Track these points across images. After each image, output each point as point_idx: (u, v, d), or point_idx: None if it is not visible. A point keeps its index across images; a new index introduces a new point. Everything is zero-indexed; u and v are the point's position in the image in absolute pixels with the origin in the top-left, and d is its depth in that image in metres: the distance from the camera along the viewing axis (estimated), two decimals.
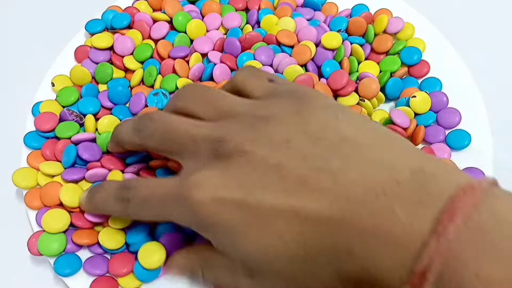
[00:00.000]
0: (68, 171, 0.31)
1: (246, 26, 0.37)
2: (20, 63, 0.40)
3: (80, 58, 0.36)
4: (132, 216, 0.26)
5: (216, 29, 0.37)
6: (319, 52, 0.35)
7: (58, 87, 0.35)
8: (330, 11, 0.39)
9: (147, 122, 0.25)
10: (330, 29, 0.36)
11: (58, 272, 0.28)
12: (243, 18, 0.37)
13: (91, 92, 0.34)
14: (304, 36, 0.36)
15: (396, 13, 0.38)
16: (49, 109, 0.33)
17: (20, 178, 0.31)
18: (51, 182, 0.30)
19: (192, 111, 0.24)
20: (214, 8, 0.38)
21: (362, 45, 0.35)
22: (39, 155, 0.32)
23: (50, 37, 0.41)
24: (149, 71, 0.35)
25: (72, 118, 0.33)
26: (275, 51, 0.35)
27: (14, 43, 0.42)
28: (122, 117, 0.33)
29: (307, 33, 0.36)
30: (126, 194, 0.24)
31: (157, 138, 0.24)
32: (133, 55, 0.36)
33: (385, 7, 0.38)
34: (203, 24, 0.37)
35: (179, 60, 0.35)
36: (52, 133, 0.32)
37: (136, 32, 0.36)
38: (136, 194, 0.23)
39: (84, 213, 0.28)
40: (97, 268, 0.28)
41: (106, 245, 0.28)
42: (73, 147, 0.31)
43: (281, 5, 0.38)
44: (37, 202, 0.30)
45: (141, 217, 0.25)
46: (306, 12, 0.38)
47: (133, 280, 0.27)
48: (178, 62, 0.34)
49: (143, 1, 0.39)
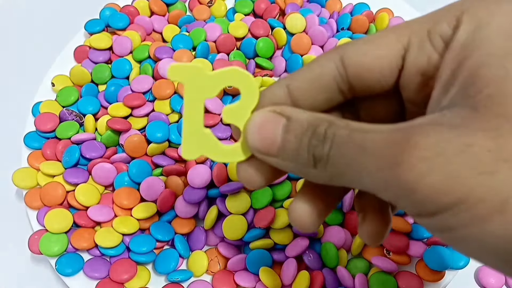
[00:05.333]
0: (70, 172, 0.31)
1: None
2: (20, 63, 0.40)
3: (80, 58, 0.36)
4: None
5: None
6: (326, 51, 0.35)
7: (58, 87, 0.35)
8: (334, 7, 0.39)
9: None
10: (337, 27, 0.37)
11: (60, 271, 0.28)
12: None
13: (91, 92, 0.35)
14: (316, 37, 0.36)
15: (396, 13, 0.38)
16: (49, 109, 0.33)
17: (20, 178, 0.31)
18: (51, 182, 0.30)
19: None
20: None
21: None
22: (39, 155, 0.32)
23: (49, 37, 0.41)
24: (144, 70, 0.35)
25: (71, 118, 0.33)
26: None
27: (14, 44, 0.42)
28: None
29: (319, 34, 0.36)
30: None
31: None
32: (132, 55, 0.36)
33: (386, 7, 0.38)
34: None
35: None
36: (52, 133, 0.32)
37: (134, 33, 0.37)
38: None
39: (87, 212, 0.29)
40: (96, 271, 0.28)
41: (102, 244, 0.28)
42: (76, 148, 0.31)
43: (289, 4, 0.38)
44: (37, 202, 0.30)
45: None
46: (314, 7, 0.39)
47: (139, 282, 0.28)
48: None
49: (143, 0, 0.39)
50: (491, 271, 0.29)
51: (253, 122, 0.17)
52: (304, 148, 0.16)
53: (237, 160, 0.18)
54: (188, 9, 0.40)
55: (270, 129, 0.17)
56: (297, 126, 0.16)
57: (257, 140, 0.17)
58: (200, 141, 0.18)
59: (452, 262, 0.28)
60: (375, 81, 0.17)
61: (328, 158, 0.15)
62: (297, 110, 0.17)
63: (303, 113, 0.17)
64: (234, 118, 0.18)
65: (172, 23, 0.38)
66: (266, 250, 0.28)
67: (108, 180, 0.31)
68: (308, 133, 0.16)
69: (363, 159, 0.14)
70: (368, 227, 0.19)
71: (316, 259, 0.28)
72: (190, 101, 0.18)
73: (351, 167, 0.15)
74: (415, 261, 0.28)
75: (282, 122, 0.17)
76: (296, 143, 0.16)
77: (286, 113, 0.17)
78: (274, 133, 0.17)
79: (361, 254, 0.29)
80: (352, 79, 0.17)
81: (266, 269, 0.28)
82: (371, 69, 0.17)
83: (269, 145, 0.17)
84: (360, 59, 0.17)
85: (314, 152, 0.16)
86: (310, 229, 0.18)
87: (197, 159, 0.30)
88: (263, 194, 0.29)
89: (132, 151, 0.31)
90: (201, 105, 0.18)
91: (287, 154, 0.17)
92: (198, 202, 0.29)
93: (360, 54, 0.17)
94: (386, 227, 0.19)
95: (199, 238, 0.30)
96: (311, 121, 0.16)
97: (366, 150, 0.14)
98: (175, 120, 0.33)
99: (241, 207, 0.29)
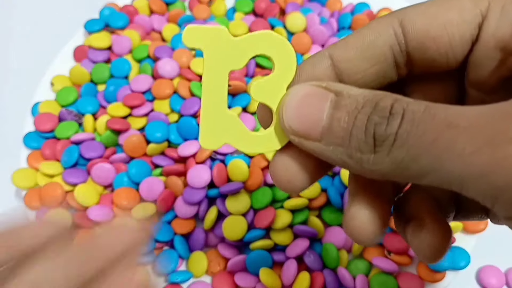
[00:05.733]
0: (69, 172, 0.30)
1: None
2: (19, 63, 0.40)
3: (79, 58, 0.36)
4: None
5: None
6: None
7: (57, 87, 0.35)
8: (335, 6, 0.39)
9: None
10: (338, 26, 0.37)
11: None
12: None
13: (90, 92, 0.34)
14: (316, 37, 0.36)
15: None
16: (48, 109, 0.33)
17: (19, 178, 0.31)
18: (51, 182, 0.30)
19: None
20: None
21: None
22: (39, 155, 0.32)
23: (49, 37, 0.41)
24: (144, 69, 0.35)
25: (71, 118, 0.33)
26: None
27: (14, 43, 0.41)
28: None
29: (319, 34, 0.36)
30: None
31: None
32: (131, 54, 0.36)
33: (387, 6, 0.38)
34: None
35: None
36: (52, 133, 0.32)
37: (133, 32, 0.36)
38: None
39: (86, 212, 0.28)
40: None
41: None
42: (75, 148, 0.31)
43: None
44: (37, 202, 0.30)
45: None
46: (314, 7, 0.38)
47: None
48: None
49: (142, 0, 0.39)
50: (492, 271, 0.29)
51: (291, 96, 0.13)
52: (360, 126, 0.12)
53: (271, 149, 0.14)
54: (188, 8, 0.40)
55: (314, 104, 0.13)
56: (351, 101, 0.13)
57: (294, 118, 0.13)
58: (223, 126, 0.14)
59: (453, 263, 0.27)
60: (442, 53, 0.14)
61: (396, 138, 0.12)
62: (349, 86, 0.13)
63: (357, 89, 0.13)
64: (265, 95, 0.14)
65: (172, 22, 0.38)
66: (266, 250, 0.28)
67: (107, 180, 0.31)
68: (367, 109, 0.12)
69: (451, 137, 0.11)
70: (428, 239, 0.14)
71: (317, 260, 0.28)
72: (211, 74, 0.14)
73: (429, 150, 0.11)
74: (416, 261, 0.28)
75: (329, 96, 0.13)
76: (349, 121, 0.12)
77: (335, 87, 0.13)
78: (319, 110, 0.13)
79: (362, 254, 0.29)
80: (413, 49, 0.14)
81: (266, 270, 0.27)
82: (438, 37, 0.14)
83: (311, 124, 0.13)
84: (425, 25, 0.14)
85: (375, 131, 0.12)
86: (374, 240, 0.14)
87: (198, 158, 0.30)
88: (263, 194, 0.29)
89: (131, 151, 0.31)
90: (224, 79, 0.14)
91: (335, 136, 0.13)
92: (198, 203, 0.29)
93: (424, 17, 0.14)
94: (449, 237, 0.15)
95: (199, 238, 0.29)
96: (369, 96, 0.12)
97: (456, 126, 0.11)
98: (174, 120, 0.33)
99: (241, 208, 0.29)
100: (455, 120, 0.11)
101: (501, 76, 0.14)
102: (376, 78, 0.15)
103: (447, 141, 0.11)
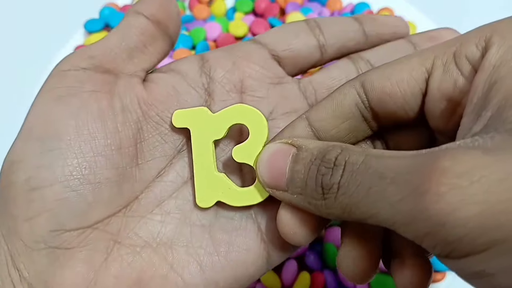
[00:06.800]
0: None
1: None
2: (18, 62, 0.40)
3: None
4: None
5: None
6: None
7: None
8: (335, 6, 0.39)
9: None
10: None
11: None
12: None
13: None
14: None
15: (397, 11, 0.37)
16: None
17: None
18: None
19: None
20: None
21: None
22: None
23: (48, 36, 0.40)
24: None
25: None
26: None
27: (13, 43, 0.41)
28: None
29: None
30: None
31: None
32: None
33: (387, 6, 0.38)
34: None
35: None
36: None
37: None
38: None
39: None
40: None
41: None
42: None
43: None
44: None
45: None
46: (314, 6, 0.38)
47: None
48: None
49: None
50: None
51: (263, 153, 0.16)
52: (312, 177, 0.14)
53: (255, 201, 0.17)
54: (188, 8, 0.40)
55: (279, 160, 0.16)
56: (307, 154, 0.15)
57: (266, 172, 0.16)
58: (214, 186, 0.17)
59: None
60: (399, 107, 0.16)
61: (339, 187, 0.14)
62: (309, 140, 0.16)
63: (316, 142, 0.16)
64: (244, 156, 0.17)
65: None
66: None
67: None
68: (317, 161, 0.14)
69: (382, 187, 0.12)
70: (409, 277, 0.15)
71: (317, 260, 0.28)
72: (199, 145, 0.17)
73: (366, 198, 0.13)
74: None
75: (291, 152, 0.15)
76: (305, 173, 0.15)
77: (297, 142, 0.16)
78: (284, 164, 0.15)
79: None
80: (375, 105, 0.16)
81: None
82: (393, 93, 0.16)
83: (278, 176, 0.15)
84: (381, 83, 0.16)
85: (322, 181, 0.14)
86: (367, 278, 0.16)
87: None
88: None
89: None
90: (210, 148, 0.17)
91: (296, 186, 0.15)
92: None
93: (380, 78, 0.16)
94: (429, 274, 0.16)
95: None
96: (322, 148, 0.15)
97: (385, 177, 0.12)
98: None
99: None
100: (385, 171, 0.13)
101: (455, 122, 0.15)
102: (350, 132, 0.17)
103: (378, 192, 0.13)
